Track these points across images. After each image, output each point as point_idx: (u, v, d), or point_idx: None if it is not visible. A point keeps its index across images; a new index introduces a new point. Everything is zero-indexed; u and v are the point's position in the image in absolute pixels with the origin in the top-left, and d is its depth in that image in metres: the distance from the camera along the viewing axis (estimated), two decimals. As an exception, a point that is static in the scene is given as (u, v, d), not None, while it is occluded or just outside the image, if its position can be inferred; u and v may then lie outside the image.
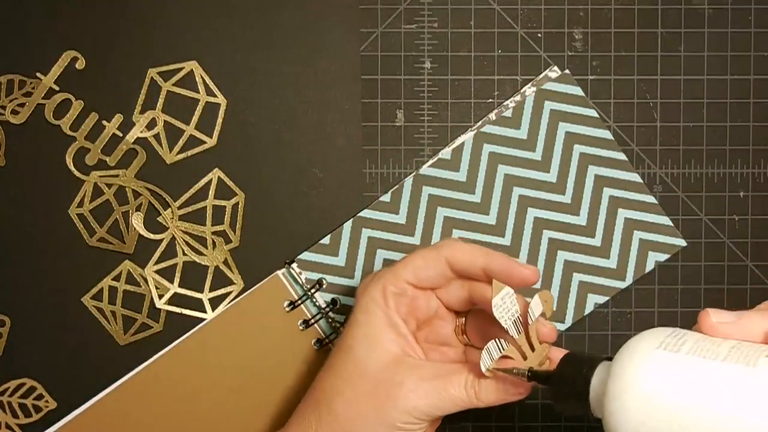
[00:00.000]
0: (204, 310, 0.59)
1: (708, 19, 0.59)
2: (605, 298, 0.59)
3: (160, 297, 0.59)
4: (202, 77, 0.59)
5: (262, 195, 0.59)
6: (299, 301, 0.58)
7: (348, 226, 0.59)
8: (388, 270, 0.50)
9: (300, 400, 0.52)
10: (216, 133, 0.59)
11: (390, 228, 0.59)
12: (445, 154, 0.59)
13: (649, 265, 0.59)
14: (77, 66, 0.58)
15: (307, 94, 0.59)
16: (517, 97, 0.59)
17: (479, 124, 0.59)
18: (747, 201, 0.59)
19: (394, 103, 0.59)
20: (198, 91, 0.59)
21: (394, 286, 0.49)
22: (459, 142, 0.59)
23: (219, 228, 0.59)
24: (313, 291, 0.58)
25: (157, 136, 0.59)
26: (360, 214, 0.59)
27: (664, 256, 0.59)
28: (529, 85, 0.59)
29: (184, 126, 0.59)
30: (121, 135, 0.59)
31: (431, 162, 0.59)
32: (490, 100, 0.59)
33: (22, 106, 0.58)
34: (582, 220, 0.59)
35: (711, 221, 0.59)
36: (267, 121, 0.59)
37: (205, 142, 0.59)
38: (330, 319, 0.58)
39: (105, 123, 0.58)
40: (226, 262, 0.59)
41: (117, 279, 0.59)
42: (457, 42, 0.59)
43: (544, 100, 0.59)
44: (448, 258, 0.49)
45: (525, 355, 0.46)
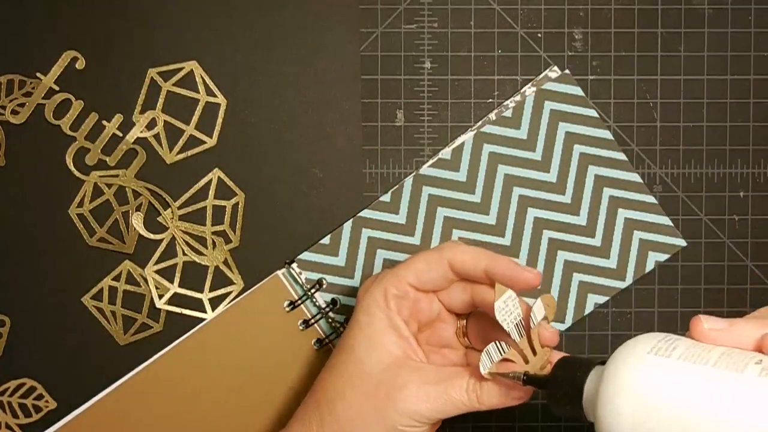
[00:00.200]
0: (204, 310, 0.59)
1: (708, 19, 0.59)
2: (605, 298, 0.59)
3: (160, 297, 0.59)
4: (202, 77, 0.59)
5: (262, 195, 0.59)
6: (299, 301, 0.58)
7: (348, 226, 0.59)
8: (390, 272, 0.50)
9: (300, 400, 0.52)
10: (216, 133, 0.59)
11: (390, 228, 0.59)
12: (445, 154, 0.59)
13: (649, 265, 0.59)
14: (77, 66, 0.58)
15: (307, 94, 0.59)
16: (517, 97, 0.59)
17: (479, 124, 0.59)
18: (747, 201, 0.60)
19: (394, 103, 0.59)
20: (198, 91, 0.59)
21: (396, 288, 0.49)
22: (459, 142, 0.59)
23: (219, 228, 0.59)
24: (313, 291, 0.58)
25: (157, 136, 0.59)
26: (360, 214, 0.59)
27: (664, 256, 0.59)
28: (529, 85, 0.59)
29: (184, 126, 0.59)
30: (121, 135, 0.59)
31: (431, 162, 0.59)
32: (490, 100, 0.59)
33: (22, 106, 0.58)
34: (582, 220, 0.59)
35: (711, 221, 0.59)
36: (267, 121, 0.59)
37: (205, 142, 0.59)
38: (330, 319, 0.58)
39: (105, 123, 0.58)
40: (226, 262, 0.59)
41: (117, 279, 0.59)
42: (457, 42, 0.59)
43: (544, 100, 0.59)
44: (451, 260, 0.49)
45: (527, 358, 0.46)
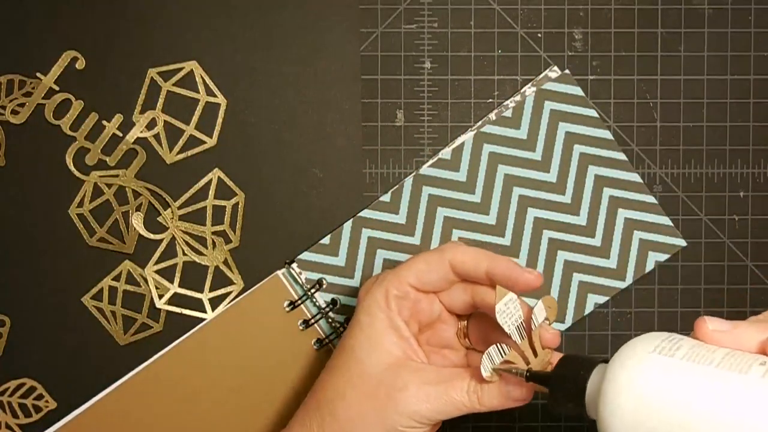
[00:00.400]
0: (204, 310, 0.59)
1: (708, 19, 0.59)
2: (605, 298, 0.59)
3: (160, 297, 0.59)
4: (202, 77, 0.59)
5: (262, 195, 0.59)
6: (299, 301, 0.58)
7: (348, 226, 0.59)
8: (391, 273, 0.50)
9: (300, 400, 0.52)
10: (216, 133, 0.59)
11: (390, 228, 0.59)
12: (445, 154, 0.59)
13: (649, 265, 0.59)
14: (77, 66, 0.58)
15: (307, 94, 0.59)
16: (517, 97, 0.59)
17: (479, 124, 0.59)
18: (747, 201, 0.60)
19: (394, 103, 0.59)
20: (198, 91, 0.59)
21: (397, 289, 0.49)
22: (459, 142, 0.59)
23: (219, 228, 0.59)
24: (313, 291, 0.58)
25: (157, 136, 0.59)
26: (360, 214, 0.59)
27: (664, 256, 0.59)
28: (529, 85, 0.59)
29: (184, 126, 0.59)
30: (121, 135, 0.59)
31: (431, 162, 0.59)
32: (490, 100, 0.59)
33: (22, 106, 0.58)
34: (582, 220, 0.59)
35: (711, 221, 0.60)
36: (267, 121, 0.59)
37: (205, 142, 0.59)
38: (330, 319, 0.58)
39: (105, 123, 0.58)
40: (226, 262, 0.59)
41: (117, 279, 0.59)
42: (457, 42, 0.59)
43: (544, 100, 0.59)
44: (452, 261, 0.49)
45: (528, 360, 0.46)
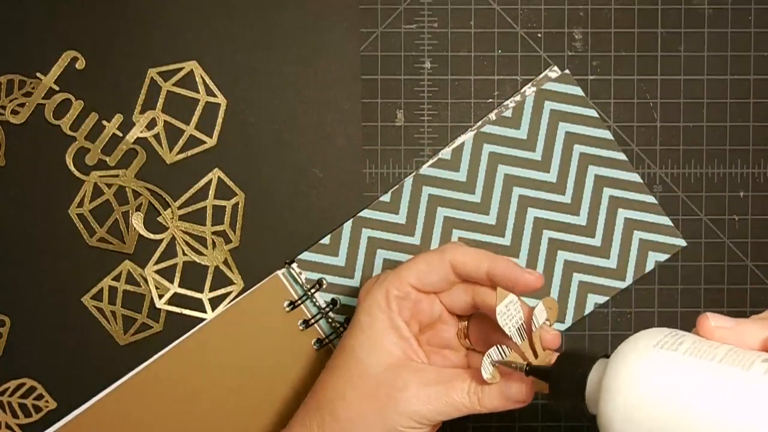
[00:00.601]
0: (204, 310, 0.59)
1: (708, 19, 0.59)
2: (605, 298, 0.59)
3: (160, 297, 0.59)
4: (202, 77, 0.59)
5: (262, 195, 0.59)
6: (299, 301, 0.58)
7: (348, 226, 0.59)
8: (392, 273, 0.50)
9: (300, 400, 0.52)
10: (216, 133, 0.59)
11: (390, 228, 0.59)
12: (445, 154, 0.59)
13: (649, 265, 0.59)
14: (77, 66, 0.58)
15: (307, 94, 0.59)
16: (517, 97, 0.59)
17: (479, 124, 0.59)
18: (747, 201, 0.60)
19: (394, 103, 0.59)
20: (198, 91, 0.59)
21: (398, 289, 0.49)
22: (459, 142, 0.59)
23: (219, 228, 0.59)
24: (313, 291, 0.58)
25: (157, 136, 0.59)
26: (360, 214, 0.59)
27: (664, 256, 0.59)
28: (529, 85, 0.59)
29: (184, 126, 0.59)
30: (121, 135, 0.59)
31: (431, 162, 0.59)
32: (490, 100, 0.59)
33: (22, 106, 0.58)
34: (582, 220, 0.59)
35: (711, 221, 0.59)
36: (267, 121, 0.59)
37: (205, 142, 0.59)
38: (330, 319, 0.58)
39: (105, 123, 0.58)
40: (226, 262, 0.59)
41: (117, 279, 0.59)
42: (457, 42, 0.59)
43: (544, 100, 0.59)
44: (452, 262, 0.48)
45: (528, 361, 0.46)
